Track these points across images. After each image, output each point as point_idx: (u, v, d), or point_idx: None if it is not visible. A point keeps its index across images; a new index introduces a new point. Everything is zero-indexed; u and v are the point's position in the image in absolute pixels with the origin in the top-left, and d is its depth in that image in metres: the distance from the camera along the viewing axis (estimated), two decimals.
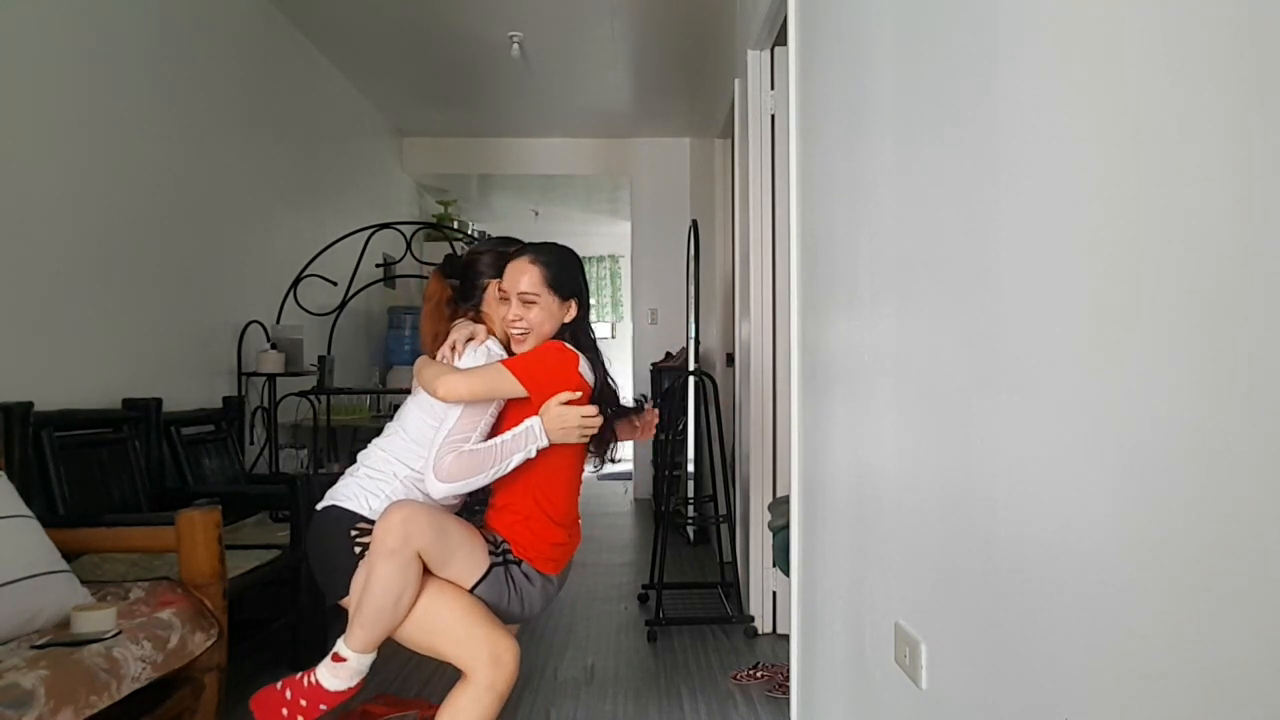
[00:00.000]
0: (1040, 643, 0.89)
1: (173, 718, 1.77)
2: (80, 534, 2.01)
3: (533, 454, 1.60)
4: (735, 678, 2.55)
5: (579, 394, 1.63)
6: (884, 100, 1.38)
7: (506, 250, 1.77)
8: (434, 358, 1.72)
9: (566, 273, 1.70)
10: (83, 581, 1.79)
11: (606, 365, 1.76)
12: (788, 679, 2.17)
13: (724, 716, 2.31)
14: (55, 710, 1.37)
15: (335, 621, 1.97)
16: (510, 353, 1.72)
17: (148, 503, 2.62)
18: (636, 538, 4.75)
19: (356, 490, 1.65)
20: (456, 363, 1.67)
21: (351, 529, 1.61)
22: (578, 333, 1.74)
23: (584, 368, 1.67)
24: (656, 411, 1.89)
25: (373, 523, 1.58)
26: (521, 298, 1.66)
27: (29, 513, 1.78)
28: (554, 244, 1.76)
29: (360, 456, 1.73)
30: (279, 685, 1.56)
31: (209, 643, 1.85)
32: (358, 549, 1.59)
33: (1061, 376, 0.84)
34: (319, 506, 1.68)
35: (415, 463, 1.67)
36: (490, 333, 1.76)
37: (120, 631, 1.62)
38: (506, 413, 1.66)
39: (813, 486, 1.89)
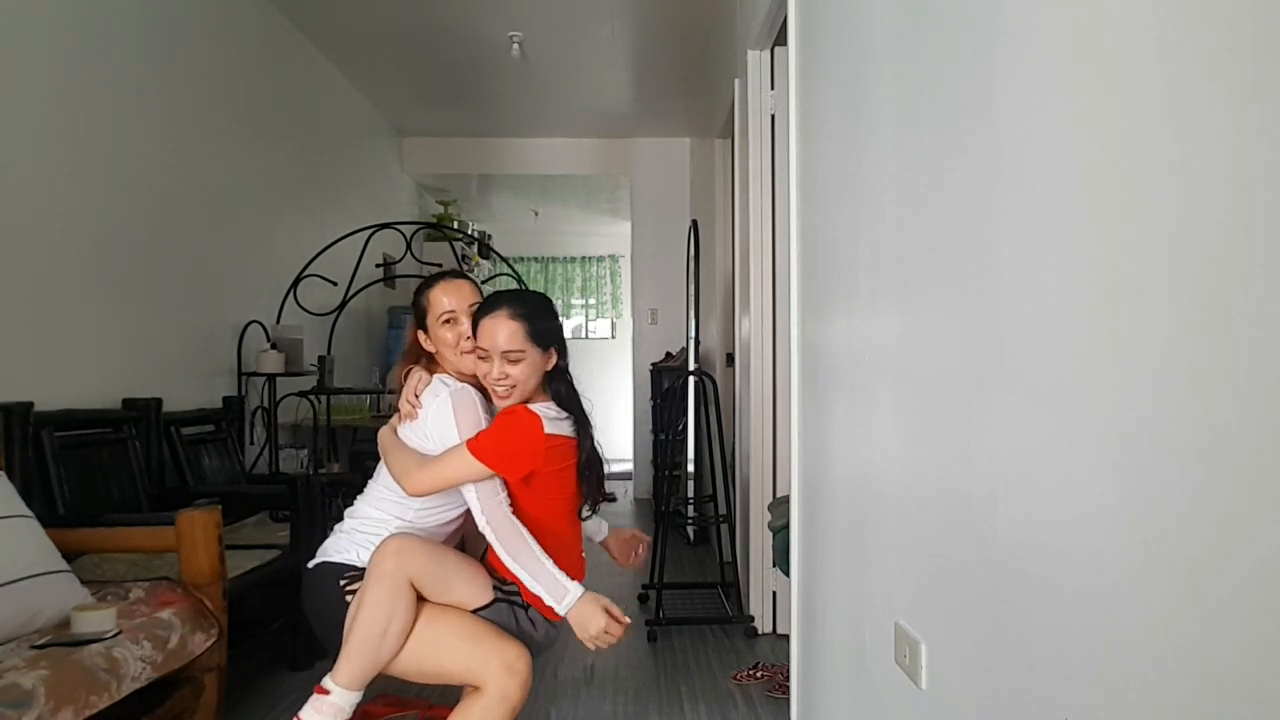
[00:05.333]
0: (1040, 642, 0.89)
1: (173, 718, 1.77)
2: (80, 534, 2.01)
3: (550, 603, 1.56)
4: (735, 678, 2.55)
5: (625, 622, 1.59)
6: (884, 100, 1.38)
7: (440, 275, 1.77)
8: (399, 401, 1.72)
9: (546, 323, 1.64)
10: (83, 581, 1.79)
11: (589, 412, 1.72)
12: (788, 679, 2.17)
13: (724, 716, 2.31)
14: (55, 710, 1.37)
15: None
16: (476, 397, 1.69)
17: (148, 503, 2.62)
18: None
19: (346, 544, 1.64)
20: (421, 417, 1.65)
21: (340, 579, 1.60)
22: (559, 384, 1.68)
23: (551, 427, 1.61)
24: (648, 543, 1.86)
25: (362, 570, 1.56)
26: (505, 356, 1.59)
27: (29, 513, 1.78)
28: (527, 292, 1.70)
29: (347, 513, 1.72)
30: None
31: (209, 643, 1.85)
32: (349, 597, 1.57)
33: (1061, 376, 0.84)
34: (310, 565, 1.67)
35: (406, 514, 1.66)
36: (441, 369, 1.73)
37: (120, 631, 1.62)
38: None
39: (813, 486, 1.88)
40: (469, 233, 6.42)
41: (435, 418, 1.64)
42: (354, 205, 4.81)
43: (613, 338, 8.78)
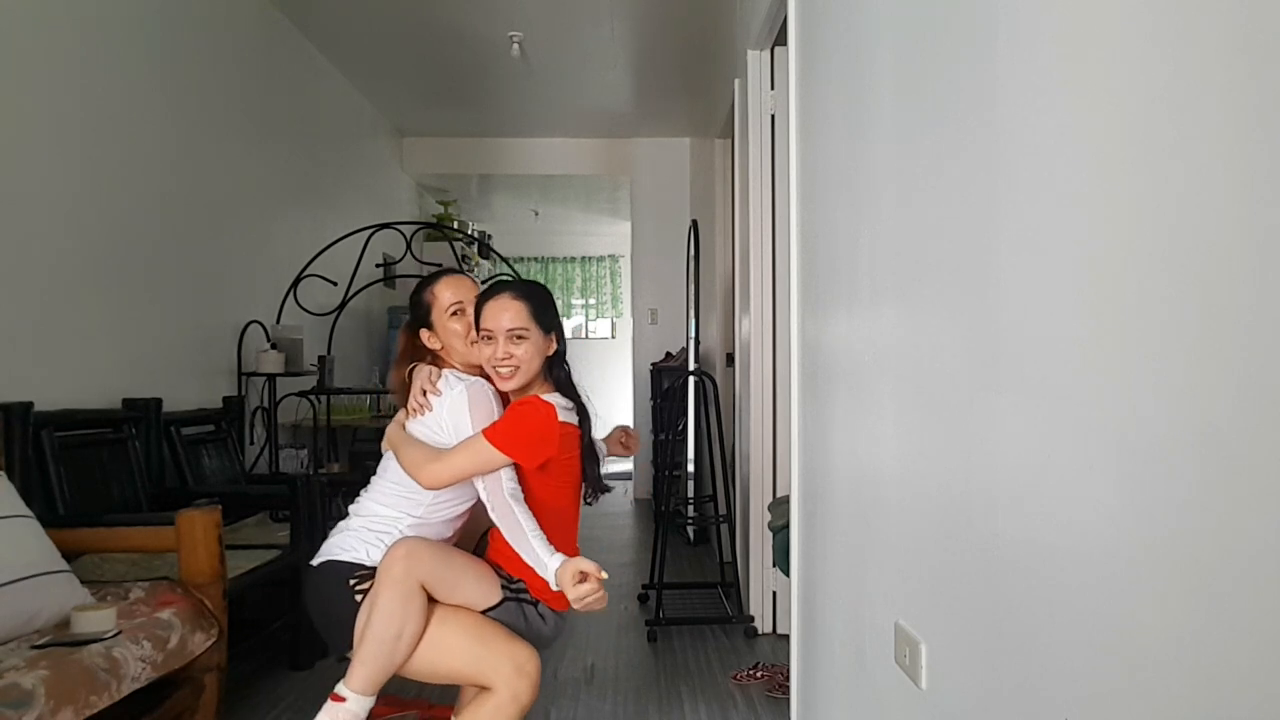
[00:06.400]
0: (1040, 642, 0.89)
1: (173, 718, 1.77)
2: (80, 534, 2.01)
3: (541, 574, 1.55)
4: (735, 678, 2.55)
5: (602, 577, 1.54)
6: (884, 100, 1.38)
7: (442, 272, 1.77)
8: (402, 406, 1.71)
9: (546, 307, 1.68)
10: (83, 581, 1.79)
11: (585, 399, 1.74)
12: (788, 679, 2.17)
13: (724, 716, 2.31)
14: (55, 710, 1.37)
15: None
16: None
17: (148, 503, 2.62)
18: (636, 538, 4.74)
19: (355, 542, 1.62)
20: (435, 410, 1.65)
21: (350, 578, 1.58)
22: (559, 370, 1.71)
23: (563, 415, 1.64)
24: (635, 433, 2.01)
25: (372, 570, 1.55)
26: (510, 334, 1.61)
27: (29, 513, 1.78)
28: (526, 280, 1.72)
29: (353, 510, 1.70)
30: None
31: (209, 643, 1.85)
32: (359, 596, 1.55)
33: (1060, 376, 0.84)
34: (314, 563, 1.65)
35: (416, 510, 1.64)
36: (447, 364, 1.73)
37: (120, 631, 1.62)
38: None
39: (813, 486, 1.88)
40: (469, 233, 6.42)
41: (451, 409, 1.63)
42: (354, 205, 4.81)
43: (613, 338, 8.79)
